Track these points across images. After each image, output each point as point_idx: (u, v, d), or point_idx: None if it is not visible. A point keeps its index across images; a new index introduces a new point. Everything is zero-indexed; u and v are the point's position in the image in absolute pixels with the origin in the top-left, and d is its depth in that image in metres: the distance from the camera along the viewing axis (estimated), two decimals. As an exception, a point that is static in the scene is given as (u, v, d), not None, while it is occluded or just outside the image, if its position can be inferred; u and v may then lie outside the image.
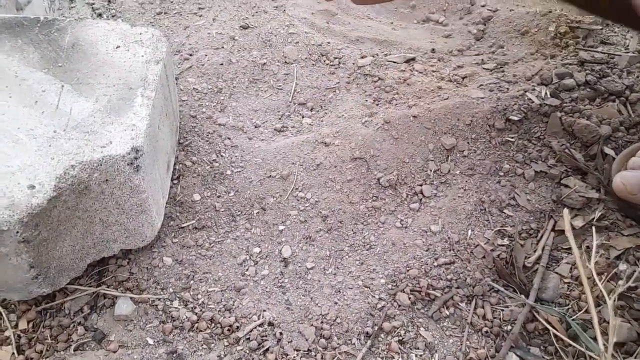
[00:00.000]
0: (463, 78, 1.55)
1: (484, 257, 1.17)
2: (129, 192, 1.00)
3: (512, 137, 1.37)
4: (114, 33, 1.17)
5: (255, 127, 1.44)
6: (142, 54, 1.14)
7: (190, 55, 1.60)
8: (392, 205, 1.27)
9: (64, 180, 0.90)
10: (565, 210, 1.01)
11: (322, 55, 1.63)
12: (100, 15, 1.73)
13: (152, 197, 1.06)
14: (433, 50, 1.69)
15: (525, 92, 1.42)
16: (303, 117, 1.47)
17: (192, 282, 1.13)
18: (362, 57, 1.62)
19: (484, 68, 1.60)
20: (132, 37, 1.17)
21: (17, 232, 0.86)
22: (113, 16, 1.72)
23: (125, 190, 0.99)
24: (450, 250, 1.18)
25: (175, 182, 1.28)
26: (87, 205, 0.97)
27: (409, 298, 1.11)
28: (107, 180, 0.96)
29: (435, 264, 1.15)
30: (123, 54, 1.13)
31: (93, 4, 1.77)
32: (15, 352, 0.99)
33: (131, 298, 1.07)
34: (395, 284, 1.14)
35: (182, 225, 1.22)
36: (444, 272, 1.14)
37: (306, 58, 1.62)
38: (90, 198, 0.96)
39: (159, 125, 1.10)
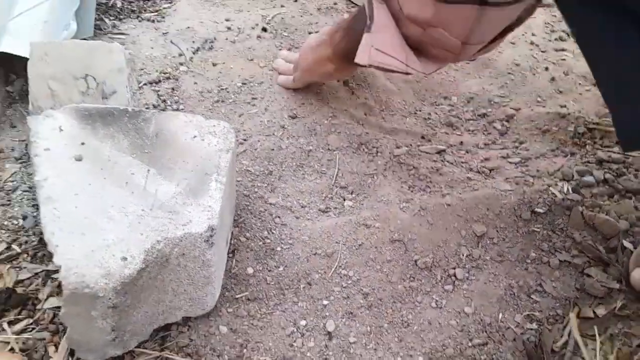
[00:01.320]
0: (490, 170, 1.70)
1: (514, 339, 1.27)
2: (200, 266, 1.13)
3: (538, 228, 1.49)
4: (191, 124, 1.35)
5: (302, 207, 1.59)
6: (215, 143, 1.31)
7: (245, 140, 1.78)
8: (428, 286, 1.39)
9: (150, 254, 1.04)
10: (572, 315, 1.12)
11: (362, 144, 1.80)
12: (164, 101, 1.94)
13: (217, 270, 1.19)
14: (461, 143, 1.86)
15: (549, 186, 1.57)
16: (345, 200, 1.62)
17: (245, 350, 1.23)
18: (397, 147, 1.79)
19: (509, 162, 1.76)
20: (206, 129, 1.35)
21: (110, 298, 0.99)
22: (176, 102, 1.94)
23: (197, 264, 1.13)
24: (483, 332, 1.28)
25: (230, 255, 1.42)
26: (164, 276, 1.10)
27: (445, 375, 1.19)
28: (184, 254, 1.10)
29: (470, 344, 1.25)
30: (199, 143, 1.31)
31: (158, 90, 2.00)
32: (87, 408, 1.09)
33: (192, 362, 1.17)
34: (432, 362, 1.23)
35: (236, 297, 1.33)
36: (478, 352, 1.23)
37: (347, 146, 1.79)
38: (168, 270, 1.10)
39: (225, 205, 1.25)
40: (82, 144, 1.26)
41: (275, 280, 1.38)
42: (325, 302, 1.35)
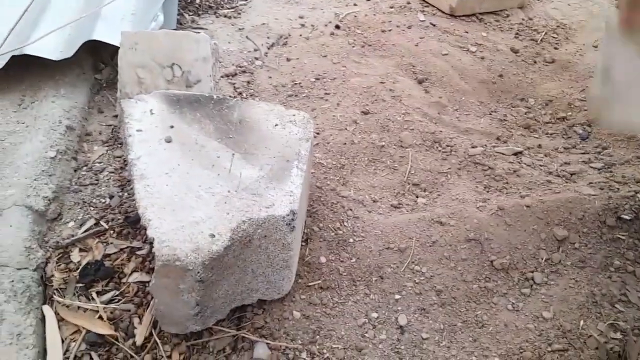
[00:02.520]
0: (571, 174, 1.64)
1: (597, 348, 1.21)
2: (280, 248, 1.15)
3: (623, 235, 1.42)
4: (273, 113, 1.38)
5: (374, 201, 1.59)
6: (296, 132, 1.33)
7: (317, 134, 1.80)
8: (504, 288, 1.35)
9: (236, 233, 1.07)
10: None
11: (435, 142, 1.78)
12: (240, 93, 2.00)
13: (295, 254, 1.21)
14: (539, 146, 1.80)
15: (636, 193, 1.49)
16: (417, 197, 1.60)
17: (317, 337, 1.24)
18: (472, 147, 1.76)
19: (591, 167, 1.69)
20: (287, 118, 1.37)
21: (198, 272, 1.03)
22: (251, 95, 1.99)
23: (278, 247, 1.15)
24: (563, 338, 1.23)
25: (303, 244, 1.43)
26: (247, 256, 1.13)
27: (523, 379, 1.16)
28: (266, 236, 1.12)
29: (549, 349, 1.20)
30: (280, 131, 1.33)
31: (234, 83, 2.05)
32: (168, 379, 1.13)
33: (267, 344, 1.19)
34: (508, 364, 1.19)
35: (310, 284, 1.35)
36: (557, 358, 1.19)
37: (420, 143, 1.78)
38: (250, 250, 1.13)
39: (304, 193, 1.27)
40: (171, 127, 1.31)
41: (348, 271, 1.39)
42: (397, 297, 1.34)
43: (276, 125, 1.35)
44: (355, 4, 2.58)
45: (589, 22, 2.48)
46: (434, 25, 2.40)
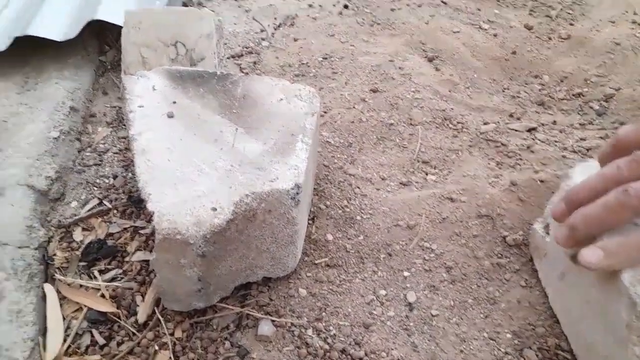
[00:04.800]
0: (588, 150, 1.59)
1: (614, 325, 1.16)
2: (285, 223, 1.12)
3: (642, 210, 1.37)
4: (277, 88, 1.35)
5: (382, 179, 1.55)
6: (301, 106, 1.30)
7: (325, 112, 1.77)
8: (517, 264, 1.30)
9: (239, 207, 1.04)
10: None
11: (446, 120, 1.73)
12: (246, 74, 1.96)
13: (300, 230, 1.18)
14: (554, 122, 1.75)
15: (656, 167, 1.43)
16: (427, 174, 1.56)
17: (324, 314, 1.21)
18: (485, 124, 1.71)
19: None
20: (292, 92, 1.34)
21: (199, 246, 1.00)
22: (258, 75, 1.95)
23: (282, 221, 1.12)
24: (579, 314, 1.18)
25: (310, 222, 1.40)
26: (250, 231, 1.10)
27: (537, 355, 1.12)
28: (270, 210, 1.09)
29: (564, 325, 1.16)
30: (285, 106, 1.30)
31: (240, 64, 2.02)
32: (172, 356, 1.11)
33: (272, 321, 1.17)
34: (521, 340, 1.15)
35: (316, 262, 1.32)
36: (573, 334, 1.14)
37: (430, 121, 1.73)
38: (254, 225, 1.10)
39: (310, 168, 1.24)
40: (174, 102, 1.29)
41: (355, 249, 1.35)
42: (406, 274, 1.30)
43: (281, 99, 1.32)
44: (363, -16, 2.52)
45: (605, -3, 2.40)
46: (445, 4, 2.34)
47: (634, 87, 1.87)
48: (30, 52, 1.80)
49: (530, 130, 1.70)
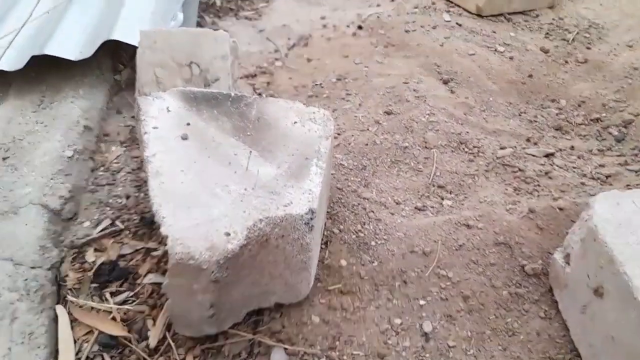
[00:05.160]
0: (607, 177, 1.55)
1: None
2: (298, 249, 1.10)
3: (665, 240, 1.33)
4: (292, 111, 1.34)
5: (397, 203, 1.52)
6: (315, 130, 1.28)
7: (338, 134, 1.75)
8: (536, 295, 1.27)
9: (252, 232, 1.02)
10: None
11: (461, 143, 1.71)
12: (260, 94, 1.96)
13: (314, 256, 1.15)
14: (572, 148, 1.72)
15: (679, 195, 1.39)
16: (443, 199, 1.53)
17: (337, 343, 1.18)
18: (501, 148, 1.68)
19: (627, 169, 1.60)
20: (306, 115, 1.32)
21: (212, 271, 0.98)
22: (271, 95, 1.95)
23: (296, 247, 1.09)
24: (601, 348, 1.14)
25: (323, 246, 1.38)
26: (263, 256, 1.08)
27: (558, 392, 1.08)
28: (283, 235, 1.07)
29: None
30: (300, 129, 1.28)
31: (254, 84, 2.02)
32: (181, 383, 1.08)
33: (285, 349, 1.14)
34: (542, 375, 1.11)
35: (329, 288, 1.29)
36: (595, 370, 1.10)
37: (445, 145, 1.71)
38: (267, 250, 1.07)
39: (323, 192, 1.22)
40: (188, 124, 1.28)
41: (369, 275, 1.32)
42: (422, 302, 1.27)
43: (295, 122, 1.31)
44: (378, 5, 2.53)
45: (622, 21, 2.38)
46: (460, 25, 2.34)
47: (654, 112, 1.84)
48: (46, 70, 1.81)
49: (547, 155, 1.67)
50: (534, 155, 1.67)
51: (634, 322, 0.95)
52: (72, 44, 1.77)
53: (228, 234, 1.01)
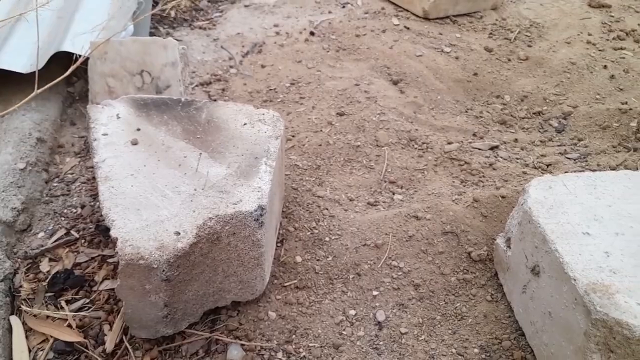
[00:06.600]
0: (547, 165, 1.64)
1: (577, 334, 1.19)
2: (250, 246, 1.13)
3: (600, 221, 1.41)
4: (242, 113, 1.37)
5: (350, 200, 1.57)
6: (265, 130, 1.32)
7: (293, 136, 1.79)
8: (483, 279, 1.33)
9: (202, 230, 1.05)
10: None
11: (411, 140, 1.78)
12: (215, 101, 1.98)
13: (267, 253, 1.19)
14: (516, 140, 1.80)
15: (611, 179, 1.48)
16: (394, 194, 1.59)
17: (294, 336, 1.21)
18: (449, 143, 1.75)
19: (567, 157, 1.69)
20: (256, 117, 1.36)
21: (163, 270, 1.00)
22: (226, 101, 1.97)
23: (247, 244, 1.13)
24: (543, 325, 1.21)
25: (279, 245, 1.41)
26: (215, 254, 1.11)
27: (503, 368, 1.13)
28: (234, 233, 1.10)
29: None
30: (249, 130, 1.32)
31: (209, 91, 2.05)
32: (138, 385, 1.09)
33: (242, 345, 1.16)
34: (489, 355, 1.17)
35: (285, 284, 1.32)
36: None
37: (396, 142, 1.77)
38: (219, 248, 1.10)
39: (275, 191, 1.25)
40: (138, 129, 1.30)
41: (324, 270, 1.36)
42: (375, 293, 1.32)
43: (245, 124, 1.34)
44: (329, 12, 2.60)
45: (561, 20, 2.51)
46: (408, 29, 2.42)
47: (590, 104, 1.95)
48: (-4, 84, 1.79)
49: (492, 148, 1.75)
50: (479, 149, 1.74)
51: (566, 296, 1.02)
52: (22, 57, 1.76)
53: (178, 233, 1.03)
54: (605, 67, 2.15)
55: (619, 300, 0.93)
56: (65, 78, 1.97)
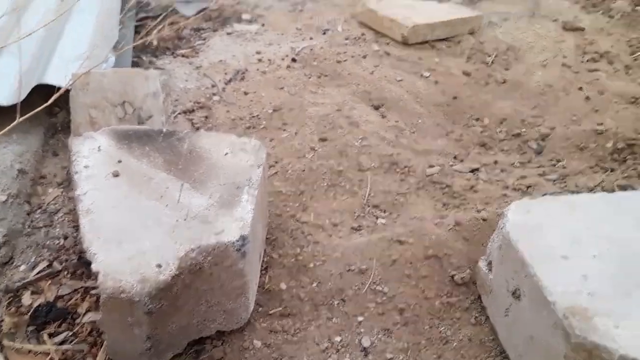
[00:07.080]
0: (527, 187, 1.67)
1: (560, 355, 1.20)
2: (233, 275, 1.13)
3: (579, 241, 1.44)
4: (224, 142, 1.38)
5: (334, 225, 1.58)
6: (247, 159, 1.33)
7: (276, 162, 1.81)
8: (467, 303, 1.34)
9: (184, 261, 1.05)
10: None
11: (393, 164, 1.80)
12: (198, 129, 2.00)
13: (251, 281, 1.19)
14: (495, 162, 1.84)
15: (589, 199, 1.51)
16: (377, 218, 1.60)
17: (279, 365, 1.21)
18: (430, 167, 1.78)
19: (546, 179, 1.72)
20: (238, 146, 1.38)
21: (145, 303, 1.00)
22: (209, 129, 1.99)
23: (230, 274, 1.13)
24: (526, 347, 1.22)
25: (263, 272, 1.41)
26: (198, 285, 1.10)
27: (488, 392, 1.14)
28: (217, 263, 1.10)
29: None
30: (231, 159, 1.33)
31: (192, 119, 2.06)
32: (121, 421, 1.07)
33: (226, 376, 1.15)
34: (473, 378, 1.17)
35: (270, 312, 1.32)
36: (521, 367, 1.17)
37: (378, 166, 1.79)
38: (202, 279, 1.10)
39: (258, 219, 1.26)
40: (119, 161, 1.30)
41: (309, 297, 1.36)
42: (360, 319, 1.32)
43: (227, 153, 1.35)
44: (311, 38, 2.64)
45: (536, 43, 2.58)
46: (388, 54, 2.46)
47: (567, 126, 2.00)
48: (-24, 117, 1.79)
49: (473, 170, 1.78)
50: (460, 172, 1.77)
51: (546, 320, 1.03)
52: (2, 89, 1.76)
53: (159, 266, 1.03)
54: (580, 88, 2.21)
55: (597, 324, 0.95)
56: (48, 109, 1.97)
